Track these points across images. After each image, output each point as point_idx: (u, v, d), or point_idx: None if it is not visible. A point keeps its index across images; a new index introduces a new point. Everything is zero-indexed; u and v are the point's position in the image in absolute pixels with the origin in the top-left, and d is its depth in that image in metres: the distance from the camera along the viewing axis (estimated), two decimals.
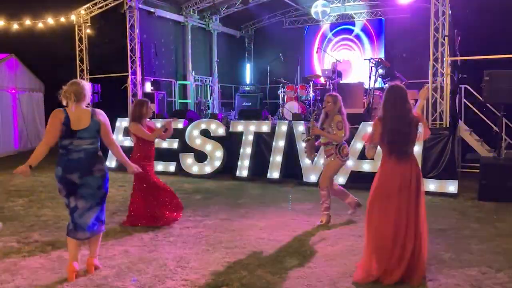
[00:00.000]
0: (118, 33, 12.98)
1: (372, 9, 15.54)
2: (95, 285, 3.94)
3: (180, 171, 9.59)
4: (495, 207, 6.74)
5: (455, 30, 9.61)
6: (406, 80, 11.02)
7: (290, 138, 8.86)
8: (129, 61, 12.08)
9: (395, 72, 10.94)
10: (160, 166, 9.68)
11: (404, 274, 3.90)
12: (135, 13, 11.95)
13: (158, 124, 6.22)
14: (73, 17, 12.46)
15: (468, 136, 8.90)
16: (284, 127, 9.01)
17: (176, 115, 11.16)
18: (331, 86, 11.94)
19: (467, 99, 9.22)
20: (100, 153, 4.13)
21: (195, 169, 9.53)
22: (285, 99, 12.23)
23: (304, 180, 8.49)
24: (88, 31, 12.73)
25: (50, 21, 12.71)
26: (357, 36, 15.95)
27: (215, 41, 16.23)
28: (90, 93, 4.16)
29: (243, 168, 9.17)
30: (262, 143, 9.27)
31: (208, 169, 9.43)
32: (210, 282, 3.99)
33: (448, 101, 8.84)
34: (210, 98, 15.23)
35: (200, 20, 15.36)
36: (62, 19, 12.61)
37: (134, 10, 11.94)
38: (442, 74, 8.93)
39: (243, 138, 9.32)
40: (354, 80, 13.92)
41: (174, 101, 14.14)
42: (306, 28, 16.90)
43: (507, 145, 8.72)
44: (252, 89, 14.91)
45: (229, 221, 6.01)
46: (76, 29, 12.59)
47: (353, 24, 15.98)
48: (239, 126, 9.52)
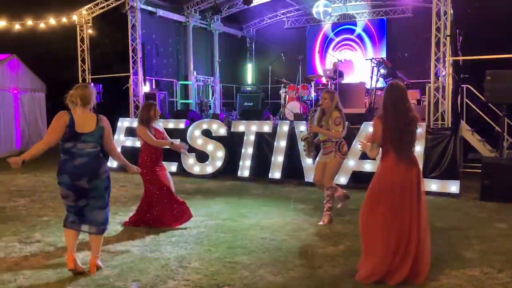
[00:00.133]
0: (120, 34, 13.03)
1: (374, 9, 15.51)
2: (97, 285, 3.94)
3: (182, 171, 9.60)
4: (497, 207, 6.73)
5: (457, 30, 9.60)
6: (408, 80, 11.03)
7: (292, 138, 8.86)
8: (131, 61, 12.09)
9: (397, 72, 10.94)
10: None
11: (408, 274, 3.89)
12: (137, 13, 11.97)
13: (170, 139, 6.06)
14: (75, 18, 12.48)
15: (470, 136, 8.89)
16: (286, 127, 9.02)
17: (178, 115, 11.19)
18: (333, 86, 11.94)
19: (469, 99, 9.20)
20: (102, 155, 4.17)
21: (197, 169, 9.54)
22: (287, 99, 12.22)
23: (306, 180, 8.49)
24: (90, 32, 12.76)
25: (52, 22, 12.74)
26: (359, 36, 15.92)
27: (217, 41, 16.23)
28: (95, 97, 4.18)
29: (245, 168, 9.18)
30: (264, 143, 9.27)
31: (210, 169, 9.43)
32: (212, 282, 3.98)
33: (450, 101, 8.84)
34: (212, 98, 15.23)
35: (202, 20, 15.36)
36: (64, 20, 12.64)
37: (136, 10, 11.95)
38: (444, 74, 8.92)
39: (245, 138, 9.32)
40: (356, 80, 13.92)
41: (176, 101, 14.15)
42: (308, 28, 16.89)
43: (509, 145, 8.71)
44: (254, 89, 14.89)
45: (231, 221, 6.02)
46: (78, 30, 12.62)
47: (355, 24, 15.96)
48: (241, 126, 9.52)
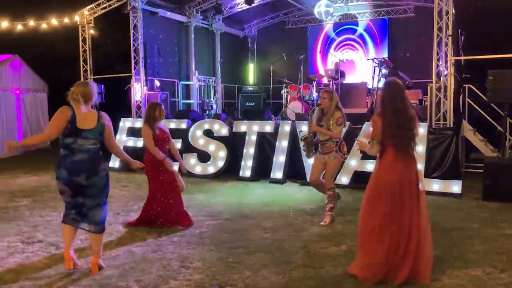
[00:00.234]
0: (121, 34, 13.04)
1: (376, 9, 15.49)
2: (99, 285, 3.94)
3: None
4: (499, 207, 6.71)
5: (459, 30, 9.59)
6: (410, 80, 11.02)
7: (294, 138, 8.85)
8: (132, 62, 12.11)
9: (399, 72, 10.92)
10: None
11: (410, 274, 3.87)
12: (138, 14, 11.99)
13: (163, 155, 5.73)
14: (77, 18, 12.51)
15: (472, 136, 8.87)
16: (288, 127, 9.02)
17: (180, 116, 11.20)
18: (334, 86, 11.93)
19: (471, 99, 9.19)
20: (101, 153, 4.17)
21: (199, 169, 9.54)
22: (288, 99, 12.22)
23: (308, 180, 8.45)
24: (92, 32, 12.78)
25: (54, 22, 12.76)
26: (361, 36, 15.91)
27: (218, 41, 16.23)
28: (97, 94, 4.20)
29: (246, 168, 9.17)
30: (266, 143, 9.27)
31: (212, 169, 9.44)
32: (214, 282, 3.98)
33: (452, 101, 8.82)
34: (214, 98, 15.24)
35: (203, 20, 15.36)
36: (66, 20, 12.66)
37: (137, 11, 11.97)
38: (446, 74, 8.91)
39: (247, 138, 9.32)
40: (358, 80, 13.90)
41: (178, 101, 14.16)
42: (309, 28, 16.88)
43: (511, 145, 8.69)
44: (255, 89, 14.89)
45: (233, 221, 6.02)
46: (80, 30, 12.64)
47: (356, 24, 15.94)
48: (242, 126, 9.52)
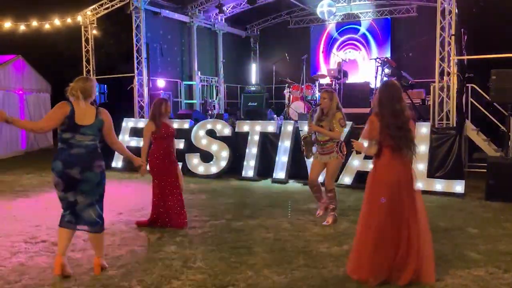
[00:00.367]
0: (124, 34, 13.06)
1: (378, 9, 15.48)
2: (102, 285, 3.95)
3: (186, 171, 9.60)
4: (502, 207, 6.70)
5: (462, 29, 9.56)
6: (412, 80, 10.98)
7: (296, 138, 8.84)
8: (135, 62, 12.12)
9: (401, 72, 10.89)
10: None
11: (414, 274, 3.86)
12: (141, 14, 12.00)
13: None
14: (80, 18, 12.52)
15: (475, 136, 8.85)
16: (290, 127, 9.01)
17: (182, 116, 11.21)
18: (337, 86, 11.91)
19: (474, 98, 9.16)
20: (99, 150, 4.13)
21: (201, 169, 9.55)
22: (291, 99, 12.21)
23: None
24: (95, 32, 12.80)
25: (57, 22, 12.78)
26: (363, 36, 15.89)
27: (221, 41, 16.24)
28: (96, 89, 4.17)
29: (249, 168, 9.18)
30: (268, 143, 9.27)
31: (214, 169, 9.44)
32: (216, 282, 3.99)
33: (455, 101, 8.80)
34: (216, 98, 15.24)
35: (206, 20, 15.37)
36: (69, 20, 12.68)
37: (140, 11, 11.98)
38: (449, 73, 8.89)
39: (249, 138, 9.33)
40: (360, 80, 13.88)
41: (180, 102, 14.18)
42: (312, 28, 16.87)
43: None
44: (258, 89, 14.87)
45: (235, 221, 6.02)
46: (83, 30, 12.66)
47: (359, 24, 15.93)
48: (245, 126, 9.53)
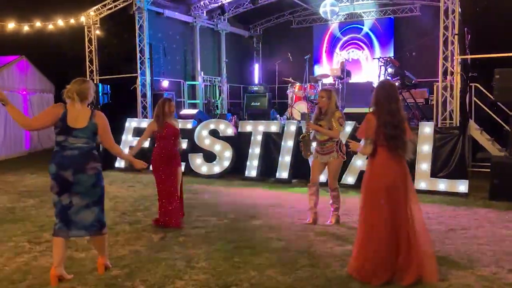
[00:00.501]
0: (127, 34, 13.08)
1: (381, 8, 15.46)
2: (105, 285, 3.96)
3: (189, 171, 9.61)
4: (506, 207, 6.67)
5: (465, 28, 9.54)
6: (416, 79, 10.95)
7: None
8: (138, 62, 12.15)
9: (405, 71, 10.87)
10: None
11: (418, 274, 3.85)
12: (144, 14, 12.02)
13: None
14: (83, 19, 12.57)
15: (479, 135, 8.83)
16: (293, 127, 9.01)
17: (185, 116, 11.23)
18: (340, 86, 11.91)
19: (478, 98, 9.14)
20: (95, 152, 4.06)
21: (204, 169, 9.56)
22: (294, 99, 12.21)
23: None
24: (98, 33, 12.83)
25: (60, 23, 12.82)
26: (366, 35, 15.87)
27: (224, 41, 16.26)
28: (93, 92, 4.09)
29: (252, 168, 9.18)
30: (271, 143, 9.27)
31: (217, 169, 9.45)
32: (220, 282, 3.99)
33: (458, 100, 8.78)
34: (219, 98, 15.25)
35: (209, 21, 15.39)
36: (72, 21, 12.72)
37: (143, 11, 12.01)
38: (452, 73, 8.86)
39: (252, 138, 9.33)
40: (363, 80, 13.87)
41: (183, 102, 14.19)
42: (315, 28, 16.85)
43: None
44: (261, 89, 14.89)
45: (238, 221, 6.02)
46: (86, 31, 12.69)
47: (362, 23, 15.91)
48: (248, 126, 9.53)
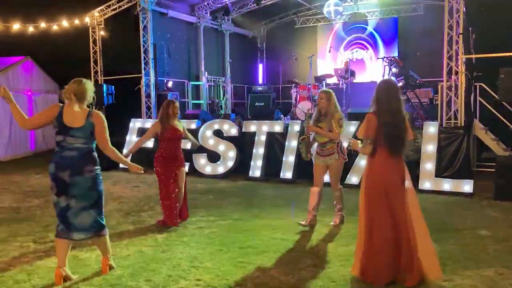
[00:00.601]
0: (132, 35, 13.09)
1: (385, 8, 15.41)
2: (110, 285, 3.97)
3: (193, 171, 9.63)
4: (511, 207, 6.66)
5: (470, 28, 9.49)
6: (420, 79, 10.92)
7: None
8: (142, 62, 12.17)
9: (409, 71, 10.84)
10: None
11: (421, 274, 3.84)
12: (148, 15, 12.05)
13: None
14: (87, 19, 12.61)
15: (484, 135, 8.79)
16: (297, 127, 9.00)
17: (189, 116, 11.24)
18: (344, 86, 11.88)
19: (483, 97, 9.10)
20: (95, 154, 4.03)
21: (208, 169, 9.57)
22: (298, 99, 12.20)
23: None
24: (102, 33, 12.87)
25: (65, 24, 12.87)
26: (370, 35, 15.84)
27: (228, 42, 16.27)
28: (93, 92, 4.06)
29: (256, 168, 9.18)
30: (275, 143, 9.27)
31: (221, 169, 9.46)
32: (223, 282, 3.99)
33: (463, 100, 8.75)
34: (223, 99, 15.26)
35: (213, 21, 15.41)
36: (77, 22, 12.77)
37: (147, 12, 12.04)
38: (457, 72, 8.83)
39: (256, 138, 9.33)
40: (368, 79, 13.84)
41: (187, 102, 14.21)
42: (319, 27, 16.83)
43: None
44: (265, 89, 14.89)
45: (242, 221, 6.03)
46: (90, 31, 12.74)
47: (366, 23, 15.88)
48: (252, 126, 9.53)
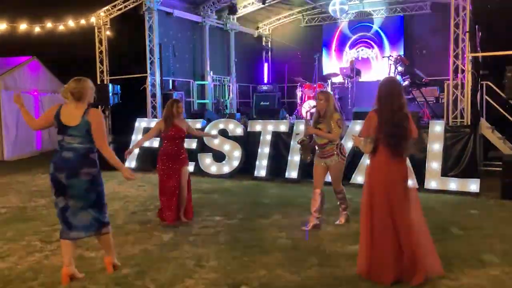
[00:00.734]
0: (137, 35, 13.12)
1: (391, 6, 15.35)
2: (116, 284, 3.99)
3: (199, 171, 9.64)
4: None
5: (476, 26, 9.44)
6: (426, 78, 10.88)
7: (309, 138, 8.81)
8: (148, 62, 12.20)
9: (415, 70, 10.80)
10: None
11: (425, 273, 3.83)
12: (154, 14, 12.07)
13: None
14: (93, 19, 12.64)
15: (490, 134, 8.74)
16: (302, 127, 8.98)
17: (194, 116, 11.27)
18: (350, 85, 11.86)
19: (489, 96, 9.05)
20: (93, 156, 3.97)
21: (214, 169, 9.58)
22: (303, 98, 12.19)
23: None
24: (108, 33, 12.90)
25: (71, 24, 12.91)
26: (376, 33, 15.76)
27: (233, 41, 16.25)
28: (92, 91, 4.03)
29: (261, 168, 9.18)
30: (280, 143, 9.26)
31: (227, 169, 9.46)
32: (229, 281, 4.00)
33: (469, 98, 8.70)
34: (228, 98, 15.27)
35: (218, 20, 15.40)
36: (83, 21, 12.80)
37: (153, 12, 12.06)
38: (463, 71, 8.79)
39: (261, 138, 9.33)
40: (373, 78, 13.79)
41: (192, 101, 14.22)
42: (324, 26, 16.79)
43: None
44: (270, 89, 14.87)
45: (248, 221, 6.03)
46: (96, 31, 12.78)
47: (372, 22, 15.81)
48: (257, 126, 9.53)
